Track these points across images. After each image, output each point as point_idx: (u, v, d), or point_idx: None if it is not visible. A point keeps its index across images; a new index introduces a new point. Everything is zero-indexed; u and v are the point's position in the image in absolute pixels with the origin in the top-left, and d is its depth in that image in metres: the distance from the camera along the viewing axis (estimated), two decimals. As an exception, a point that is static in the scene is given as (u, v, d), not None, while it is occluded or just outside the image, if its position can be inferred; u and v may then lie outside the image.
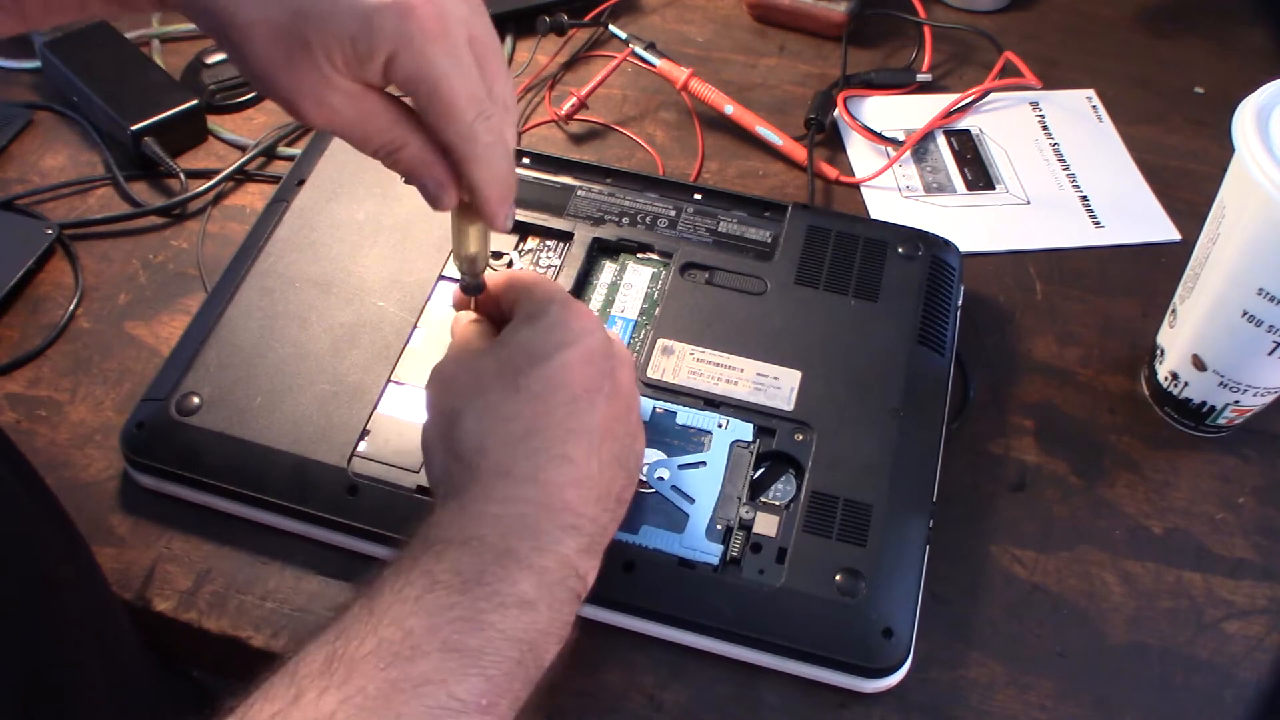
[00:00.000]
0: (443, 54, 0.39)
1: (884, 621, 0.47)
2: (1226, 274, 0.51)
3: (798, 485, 0.51)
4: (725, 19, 0.81)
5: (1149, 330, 0.60)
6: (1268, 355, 0.52)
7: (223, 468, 0.51)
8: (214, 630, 0.50)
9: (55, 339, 0.60)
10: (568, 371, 0.43)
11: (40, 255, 0.63)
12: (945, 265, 0.59)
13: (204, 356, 0.54)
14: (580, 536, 0.41)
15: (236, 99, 0.73)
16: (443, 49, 0.39)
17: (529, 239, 0.61)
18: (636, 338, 0.56)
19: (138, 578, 0.51)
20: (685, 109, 0.74)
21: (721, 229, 0.62)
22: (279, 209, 0.61)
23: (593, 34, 0.79)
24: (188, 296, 0.62)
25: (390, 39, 0.38)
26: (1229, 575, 0.53)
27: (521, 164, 0.65)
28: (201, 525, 0.53)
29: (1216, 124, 0.73)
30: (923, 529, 0.50)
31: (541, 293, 0.46)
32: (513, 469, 0.41)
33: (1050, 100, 0.76)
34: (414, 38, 0.38)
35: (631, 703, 0.48)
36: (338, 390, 0.53)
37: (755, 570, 0.48)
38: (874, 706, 0.48)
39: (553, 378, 0.42)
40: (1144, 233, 0.68)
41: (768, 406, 0.53)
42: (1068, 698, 0.49)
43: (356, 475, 0.51)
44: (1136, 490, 0.56)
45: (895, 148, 0.71)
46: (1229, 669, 0.50)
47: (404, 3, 0.38)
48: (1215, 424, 0.57)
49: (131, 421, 0.53)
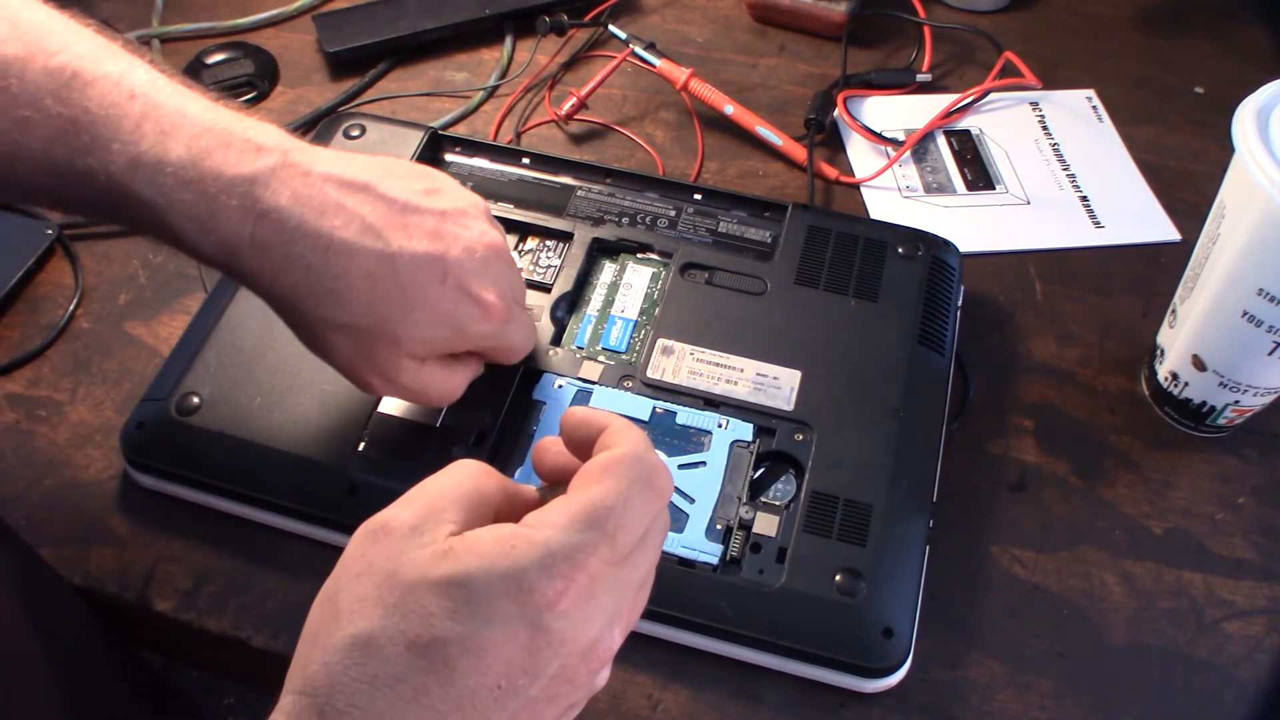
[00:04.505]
0: (508, 330, 0.48)
1: (884, 621, 0.47)
2: (1226, 274, 0.51)
3: (798, 485, 0.51)
4: (725, 19, 0.81)
5: (1149, 330, 0.60)
6: (1268, 355, 0.52)
7: (223, 468, 0.51)
8: (214, 630, 0.50)
9: (55, 339, 0.60)
10: (482, 658, 0.31)
11: (40, 255, 0.63)
12: (945, 265, 0.59)
13: (204, 356, 0.54)
14: None
15: (236, 99, 0.73)
16: (509, 326, 0.47)
17: (529, 239, 0.61)
18: (636, 338, 0.56)
19: (138, 578, 0.51)
20: (685, 109, 0.74)
21: (721, 229, 0.62)
22: (279, 209, 0.61)
23: (593, 34, 0.79)
24: (188, 296, 0.62)
25: (477, 339, 0.47)
26: (1229, 575, 0.53)
27: (521, 164, 0.65)
28: (201, 525, 0.53)
29: (1216, 124, 0.73)
30: (923, 529, 0.50)
31: (602, 496, 0.34)
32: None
33: (1050, 100, 0.76)
34: (495, 335, 0.47)
35: (631, 703, 0.48)
36: (338, 390, 0.53)
37: (755, 570, 0.48)
38: (874, 706, 0.48)
39: (458, 654, 0.31)
40: (1144, 233, 0.68)
41: (768, 406, 0.53)
42: (1068, 698, 0.49)
43: (356, 475, 0.51)
44: (1136, 490, 0.56)
45: (895, 148, 0.71)
46: (1229, 669, 0.50)
47: (484, 303, 0.45)
48: (1215, 424, 0.57)
49: (131, 421, 0.53)
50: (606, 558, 0.33)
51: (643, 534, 0.35)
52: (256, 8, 0.79)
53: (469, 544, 0.33)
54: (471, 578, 0.32)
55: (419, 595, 0.32)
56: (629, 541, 0.34)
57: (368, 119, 0.65)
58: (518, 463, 0.52)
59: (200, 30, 0.78)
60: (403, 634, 0.31)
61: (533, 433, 0.53)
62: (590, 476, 0.34)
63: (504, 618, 0.32)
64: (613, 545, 0.33)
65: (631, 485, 0.34)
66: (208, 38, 0.77)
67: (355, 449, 0.51)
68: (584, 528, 0.33)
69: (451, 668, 0.31)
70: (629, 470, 0.34)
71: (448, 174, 0.51)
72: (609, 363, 0.55)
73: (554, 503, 0.34)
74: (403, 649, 0.31)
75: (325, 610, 0.33)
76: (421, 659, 0.31)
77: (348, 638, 0.32)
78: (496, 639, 0.31)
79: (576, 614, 0.32)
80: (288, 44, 0.77)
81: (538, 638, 0.32)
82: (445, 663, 0.31)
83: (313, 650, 0.33)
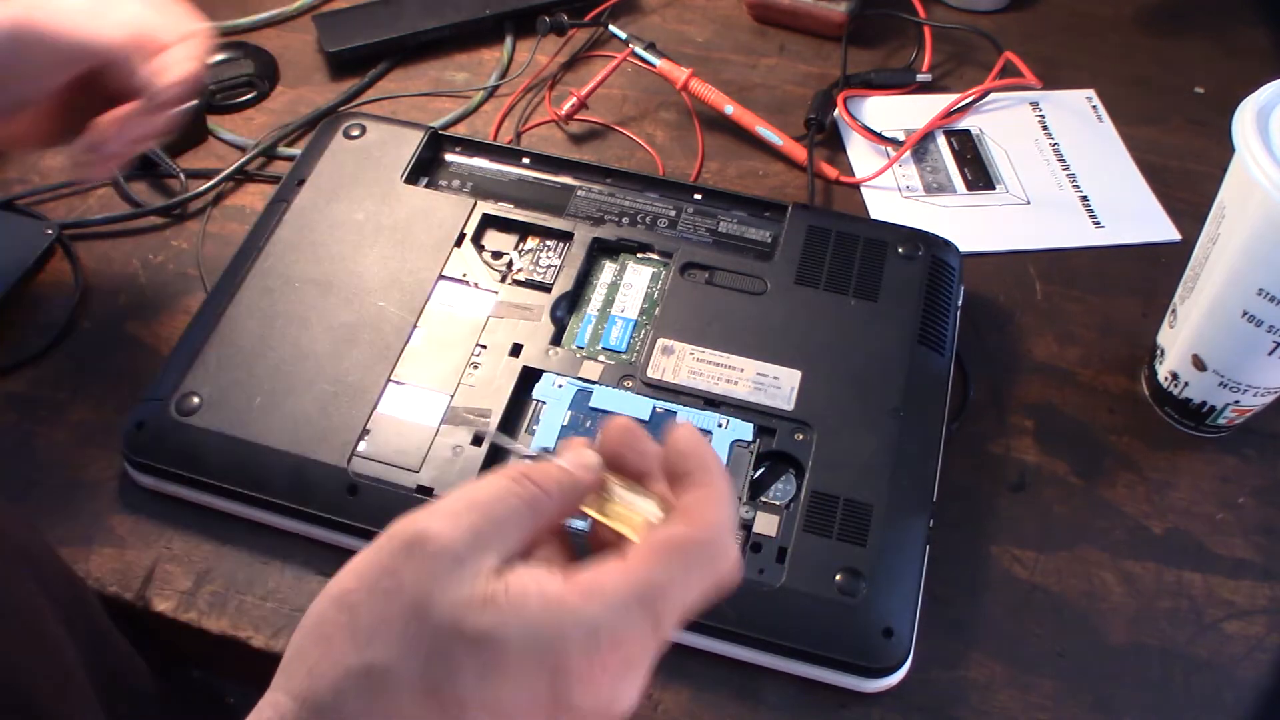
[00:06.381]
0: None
1: (884, 621, 0.47)
2: (1226, 274, 0.51)
3: (798, 485, 0.51)
4: (725, 19, 0.81)
5: (1149, 330, 0.60)
6: (1268, 355, 0.52)
7: (223, 468, 0.51)
8: (214, 630, 0.50)
9: (55, 339, 0.60)
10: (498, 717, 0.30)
11: (40, 255, 0.62)
12: (945, 265, 0.59)
13: (204, 356, 0.54)
14: None
15: (236, 99, 0.73)
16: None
17: (529, 239, 0.61)
18: (636, 337, 0.56)
19: (138, 578, 0.51)
20: (685, 109, 0.74)
21: (721, 229, 0.62)
22: (279, 209, 0.61)
23: (593, 34, 0.79)
24: (188, 296, 0.62)
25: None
26: (1229, 575, 0.53)
27: (521, 164, 0.65)
28: (201, 525, 0.53)
29: (1216, 124, 0.73)
30: (923, 529, 0.50)
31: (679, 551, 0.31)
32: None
33: (1050, 100, 0.76)
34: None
35: (631, 703, 0.48)
36: (338, 390, 0.53)
37: (755, 570, 0.48)
38: (874, 706, 0.48)
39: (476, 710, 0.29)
40: (1144, 233, 0.68)
41: (768, 406, 0.53)
42: (1068, 698, 0.49)
43: (356, 475, 0.51)
44: (1136, 490, 0.56)
45: (895, 148, 0.71)
46: (1229, 669, 0.50)
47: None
48: (1215, 424, 0.57)
49: (131, 421, 0.53)
50: (649, 637, 0.31)
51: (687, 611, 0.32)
52: (256, 8, 0.79)
53: (513, 599, 0.30)
54: (510, 641, 0.29)
55: (449, 643, 0.30)
56: (675, 623, 0.32)
57: (368, 119, 0.65)
58: (517, 463, 0.52)
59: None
60: (423, 679, 0.29)
61: (533, 431, 0.53)
62: (658, 552, 0.32)
63: (532, 687, 0.29)
64: (658, 626, 0.31)
65: (699, 574, 0.31)
66: (208, 38, 0.77)
67: (355, 449, 0.51)
68: (635, 608, 0.30)
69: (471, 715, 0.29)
70: (700, 557, 0.32)
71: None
72: (609, 362, 0.55)
73: (610, 570, 0.31)
74: (420, 694, 0.29)
75: (342, 618, 0.31)
76: (437, 711, 0.30)
77: (364, 664, 0.30)
78: (519, 706, 0.30)
79: (605, 692, 0.30)
80: (288, 44, 0.77)
81: (560, 712, 0.30)
82: (460, 715, 0.29)
83: (323, 658, 0.31)
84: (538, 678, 0.29)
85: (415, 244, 0.59)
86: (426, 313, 0.56)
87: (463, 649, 0.29)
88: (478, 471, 0.50)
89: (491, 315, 0.57)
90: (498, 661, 0.29)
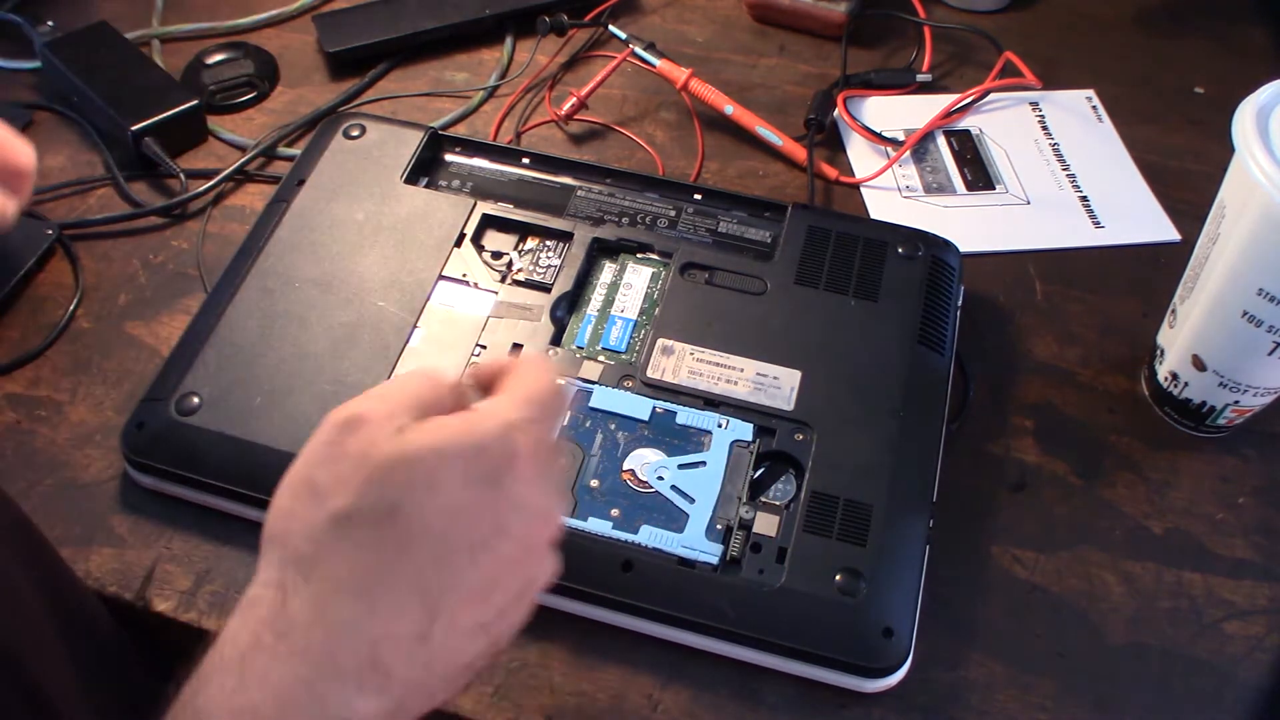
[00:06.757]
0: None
1: (884, 621, 0.47)
2: (1226, 274, 0.51)
3: (798, 485, 0.51)
4: (725, 19, 0.81)
5: (1149, 330, 0.60)
6: (1268, 355, 0.52)
7: (223, 468, 0.51)
8: (214, 630, 0.49)
9: (55, 339, 0.60)
10: (471, 517, 0.35)
11: (40, 255, 0.63)
12: (945, 265, 0.59)
13: (204, 356, 0.54)
14: (383, 699, 0.34)
15: (236, 99, 0.73)
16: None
17: (529, 239, 0.61)
18: (636, 337, 0.56)
19: (138, 578, 0.51)
20: (685, 109, 0.74)
21: (721, 229, 0.62)
22: (279, 209, 0.61)
23: (593, 34, 0.79)
24: (188, 296, 0.62)
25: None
26: (1229, 575, 0.53)
27: (521, 164, 0.65)
28: (201, 525, 0.53)
29: (1216, 124, 0.72)
30: (923, 529, 0.50)
31: (531, 389, 0.38)
32: (327, 609, 0.34)
33: (1050, 100, 0.76)
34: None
35: (631, 703, 0.48)
36: (338, 390, 0.53)
37: (755, 570, 0.48)
38: (874, 706, 0.48)
39: (434, 516, 0.35)
40: (1144, 233, 0.68)
41: (768, 406, 0.53)
42: (1068, 698, 0.49)
43: (356, 475, 0.50)
44: (1136, 490, 0.56)
45: (895, 148, 0.71)
46: (1229, 669, 0.50)
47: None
48: (1215, 424, 0.57)
49: (131, 421, 0.53)
50: (547, 433, 0.38)
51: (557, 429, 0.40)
52: (256, 8, 0.79)
53: (437, 424, 0.36)
54: (443, 447, 0.35)
55: (395, 469, 0.35)
56: (555, 426, 0.39)
57: (368, 119, 0.65)
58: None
59: (200, 30, 0.78)
60: (383, 503, 0.34)
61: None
62: (523, 372, 0.39)
63: (473, 481, 0.35)
64: (549, 424, 0.38)
65: (553, 378, 0.39)
66: (208, 38, 0.77)
67: (355, 449, 0.51)
68: (528, 408, 0.37)
69: (428, 530, 0.34)
70: (548, 369, 0.40)
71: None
72: (609, 362, 0.55)
73: (499, 395, 0.38)
74: (384, 516, 0.34)
75: (300, 492, 0.36)
76: (401, 525, 0.34)
77: (329, 514, 0.35)
78: (467, 500, 0.35)
79: (532, 478, 0.36)
80: (288, 44, 0.77)
81: (501, 499, 0.35)
82: (423, 526, 0.34)
83: (294, 527, 0.35)
84: (474, 472, 0.35)
85: (415, 244, 0.59)
86: (426, 313, 0.56)
87: (407, 469, 0.35)
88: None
89: (491, 315, 0.57)
90: (439, 465, 0.35)
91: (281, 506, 0.37)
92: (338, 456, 0.36)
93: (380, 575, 0.34)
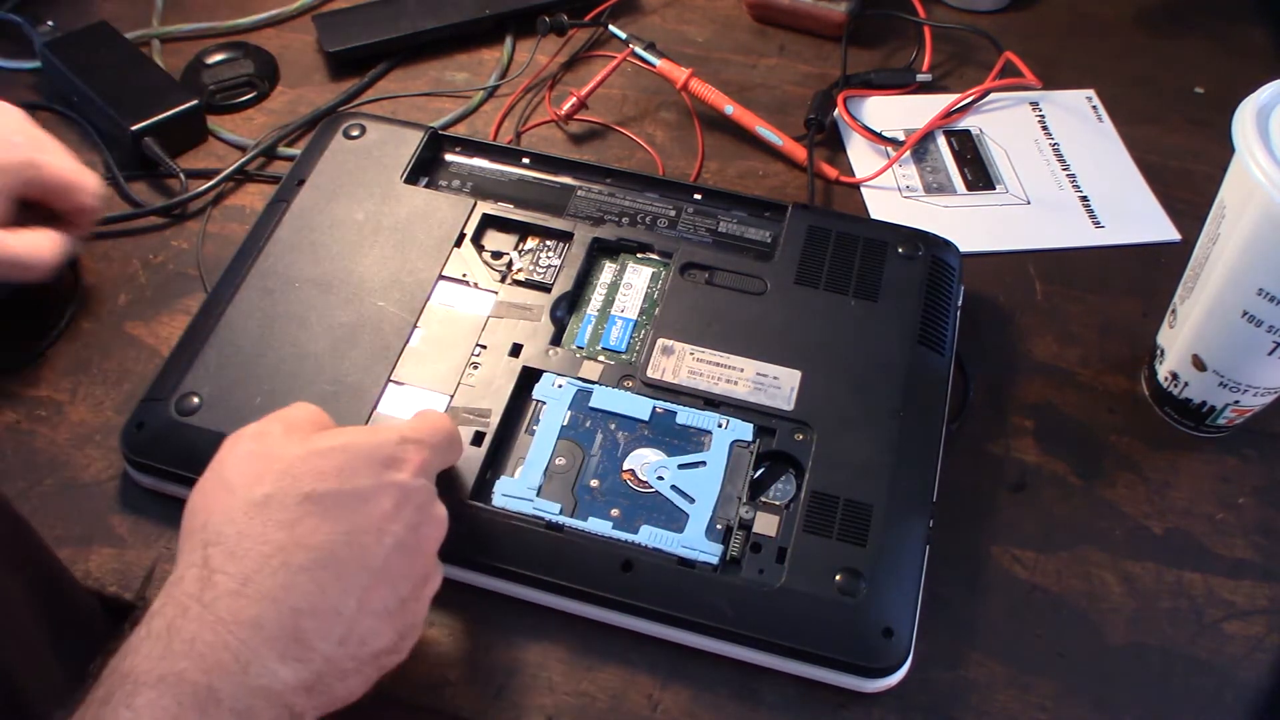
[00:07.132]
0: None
1: (884, 621, 0.47)
2: (1226, 274, 0.51)
3: (798, 485, 0.51)
4: (725, 19, 0.81)
5: (1149, 330, 0.60)
6: (1268, 355, 0.52)
7: (223, 468, 0.51)
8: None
9: (55, 339, 0.60)
10: (374, 501, 0.40)
11: (40, 255, 0.63)
12: (945, 265, 0.59)
13: (204, 356, 0.54)
14: (303, 670, 0.37)
15: (236, 99, 0.73)
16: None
17: (529, 239, 0.61)
18: (636, 337, 0.56)
19: (138, 578, 0.51)
20: (685, 109, 0.74)
21: (721, 229, 0.62)
22: (279, 209, 0.61)
23: (593, 34, 0.79)
24: (188, 296, 0.62)
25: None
26: (1229, 575, 0.53)
27: (521, 164, 0.65)
28: (201, 525, 0.52)
29: (1216, 124, 0.73)
30: (923, 529, 0.50)
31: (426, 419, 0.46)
32: (251, 580, 0.37)
33: (1050, 100, 0.76)
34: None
35: (631, 703, 0.48)
36: (338, 390, 0.53)
37: (755, 570, 0.48)
38: (874, 706, 0.48)
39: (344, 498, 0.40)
40: (1144, 233, 0.68)
41: (768, 406, 0.53)
42: (1068, 698, 0.49)
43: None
44: (1136, 490, 0.56)
45: (895, 148, 0.71)
46: (1229, 669, 0.50)
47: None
48: (1215, 424, 0.57)
49: (131, 421, 0.53)
50: (431, 450, 0.44)
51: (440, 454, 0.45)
52: (256, 8, 0.79)
53: (339, 429, 0.43)
54: (352, 444, 0.41)
55: (308, 460, 0.40)
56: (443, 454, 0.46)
57: (368, 119, 0.65)
58: (517, 461, 0.52)
59: (200, 30, 0.78)
60: (297, 488, 0.39)
61: (533, 431, 0.53)
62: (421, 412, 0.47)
63: (376, 473, 0.41)
64: (438, 449, 0.45)
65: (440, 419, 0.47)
66: (208, 38, 0.77)
67: (355, 449, 0.51)
68: (421, 430, 0.44)
69: (340, 510, 0.39)
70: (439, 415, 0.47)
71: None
72: (609, 362, 0.55)
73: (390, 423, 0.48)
74: (300, 498, 0.39)
75: (214, 490, 0.41)
76: (316, 505, 0.39)
77: (246, 501, 0.39)
78: (372, 489, 0.40)
79: (420, 479, 0.42)
80: (288, 44, 0.77)
81: (397, 488, 0.41)
82: (336, 506, 0.39)
83: (208, 518, 0.39)
84: (376, 467, 0.41)
85: (415, 244, 0.59)
86: (426, 313, 0.56)
87: (319, 459, 0.40)
88: (478, 471, 0.50)
89: (491, 315, 0.57)
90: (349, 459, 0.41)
91: (195, 504, 0.41)
92: (248, 459, 0.41)
93: (297, 550, 0.38)
